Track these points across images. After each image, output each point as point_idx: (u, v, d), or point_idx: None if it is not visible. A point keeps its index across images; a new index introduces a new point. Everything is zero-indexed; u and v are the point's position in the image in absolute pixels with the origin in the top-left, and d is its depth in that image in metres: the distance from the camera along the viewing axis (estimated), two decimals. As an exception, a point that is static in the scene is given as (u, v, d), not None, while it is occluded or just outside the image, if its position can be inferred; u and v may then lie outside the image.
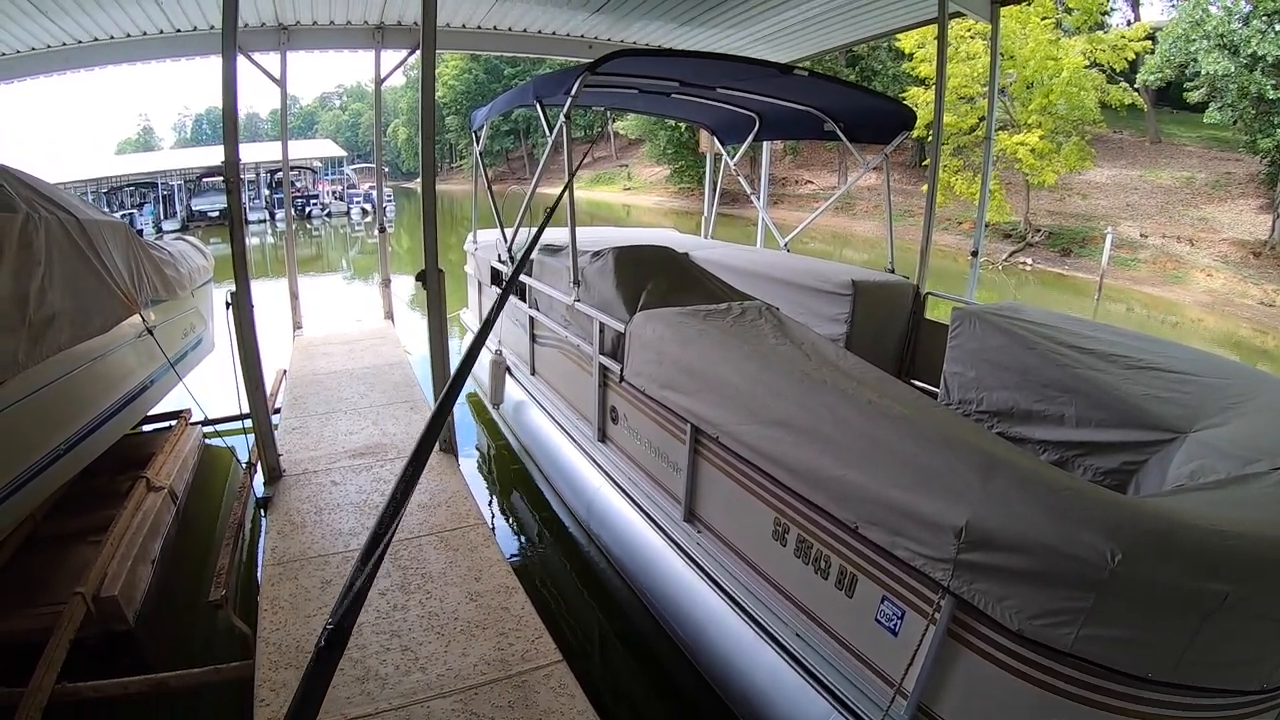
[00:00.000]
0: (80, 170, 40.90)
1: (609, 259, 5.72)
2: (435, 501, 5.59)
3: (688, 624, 4.38)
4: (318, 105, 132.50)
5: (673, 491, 4.75)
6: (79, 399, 5.42)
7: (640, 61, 6.65)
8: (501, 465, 8.19)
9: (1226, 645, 2.42)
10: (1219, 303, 22.18)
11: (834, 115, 7.93)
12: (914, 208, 30.08)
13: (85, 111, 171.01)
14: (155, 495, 5.88)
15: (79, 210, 5.21)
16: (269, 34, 9.69)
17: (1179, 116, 33.49)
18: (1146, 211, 28.42)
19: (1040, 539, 2.47)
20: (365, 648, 3.93)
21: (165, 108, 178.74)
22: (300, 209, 43.56)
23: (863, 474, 3.10)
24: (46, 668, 3.79)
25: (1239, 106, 22.45)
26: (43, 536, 5.30)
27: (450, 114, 72.71)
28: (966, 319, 5.19)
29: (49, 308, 4.59)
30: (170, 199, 42.67)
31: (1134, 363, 4.34)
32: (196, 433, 7.56)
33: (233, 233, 5.34)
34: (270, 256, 30.31)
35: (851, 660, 3.36)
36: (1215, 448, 3.51)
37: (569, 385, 6.54)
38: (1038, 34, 25.26)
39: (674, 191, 50.85)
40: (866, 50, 37.34)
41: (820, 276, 6.76)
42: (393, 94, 78.57)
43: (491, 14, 9.67)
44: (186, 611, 5.25)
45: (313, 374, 8.84)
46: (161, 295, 6.67)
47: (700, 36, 10.46)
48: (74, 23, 8.33)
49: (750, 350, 4.14)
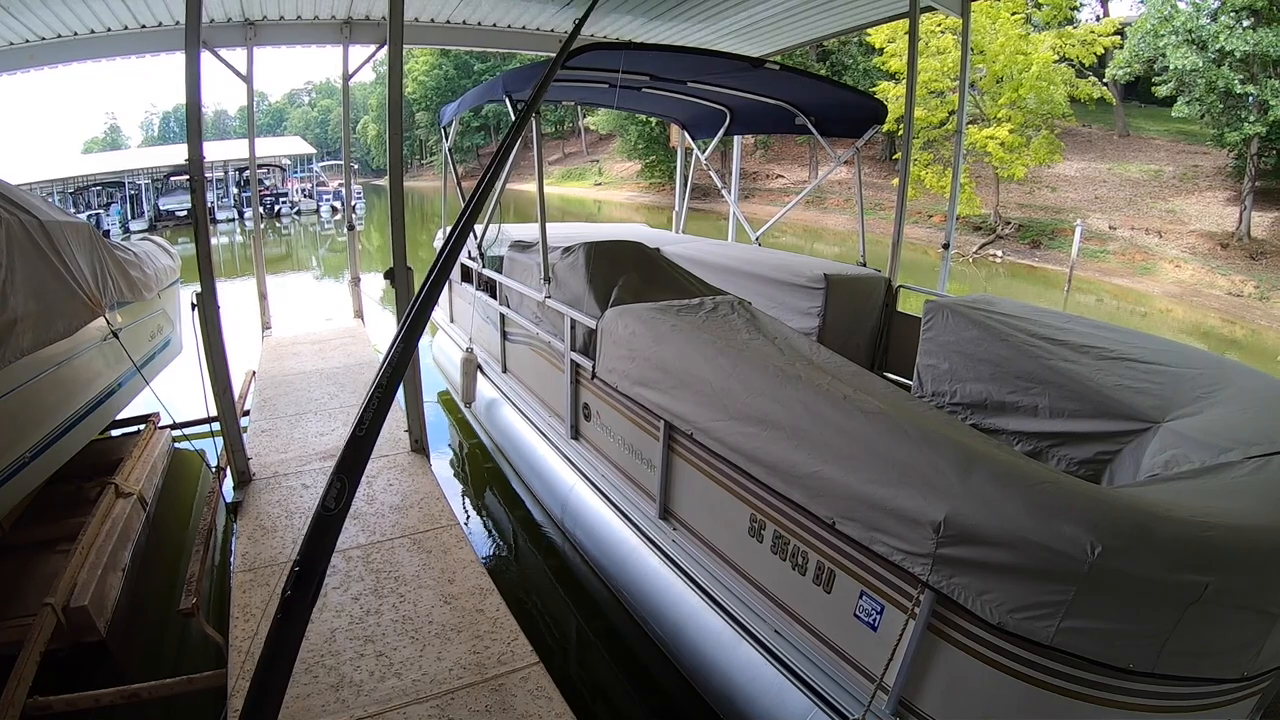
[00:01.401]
0: (46, 170, 40.22)
1: (580, 255, 5.67)
2: (407, 503, 5.53)
3: (665, 622, 4.35)
4: (286, 102, 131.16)
5: (647, 489, 4.72)
6: (44, 404, 5.31)
7: (610, 56, 6.60)
8: (474, 465, 8.13)
9: (1207, 635, 2.43)
10: (1188, 293, 22.48)
11: (805, 109, 7.94)
12: (885, 201, 30.22)
13: (51, 110, 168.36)
14: (124, 502, 5.77)
15: (41, 211, 5.10)
16: (235, 29, 9.57)
17: (1147, 110, 33.89)
18: (1115, 204, 28.76)
19: (1020, 532, 2.45)
20: (339, 654, 3.87)
21: (132, 106, 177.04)
22: (269, 207, 43.15)
23: (839, 469, 3.08)
24: (17, 681, 3.71)
25: (1207, 101, 22.72)
26: (10, 546, 5.18)
27: (420, 110, 72.28)
28: (939, 311, 5.20)
29: (10, 312, 4.48)
30: (138, 198, 42.02)
31: (1106, 353, 4.35)
32: (165, 437, 7.44)
33: (197, 233, 5.25)
34: (239, 255, 29.98)
35: (831, 656, 3.34)
36: (1188, 437, 3.53)
37: (541, 383, 6.49)
38: (1008, 29, 25.50)
39: (645, 186, 50.88)
40: (837, 45, 37.58)
41: (792, 270, 6.75)
42: (362, 90, 78.08)
43: (460, 9, 9.59)
44: (158, 620, 5.17)
45: (282, 375, 8.74)
46: (127, 297, 6.54)
47: (671, 31, 10.43)
48: (36, 19, 8.18)
49: (723, 345, 4.11)
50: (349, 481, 1.91)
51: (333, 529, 1.90)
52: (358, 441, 1.99)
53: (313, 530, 1.88)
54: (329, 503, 1.88)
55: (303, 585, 1.84)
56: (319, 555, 1.88)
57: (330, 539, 1.91)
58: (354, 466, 1.96)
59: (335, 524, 1.90)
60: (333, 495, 1.89)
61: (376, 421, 2.05)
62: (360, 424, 2.01)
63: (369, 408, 2.04)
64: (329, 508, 1.88)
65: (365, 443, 2.02)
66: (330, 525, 1.88)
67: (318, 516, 1.87)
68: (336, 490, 1.90)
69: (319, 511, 1.87)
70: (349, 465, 1.95)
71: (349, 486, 1.91)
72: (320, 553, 1.88)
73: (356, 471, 1.96)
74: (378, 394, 2.08)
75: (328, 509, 1.88)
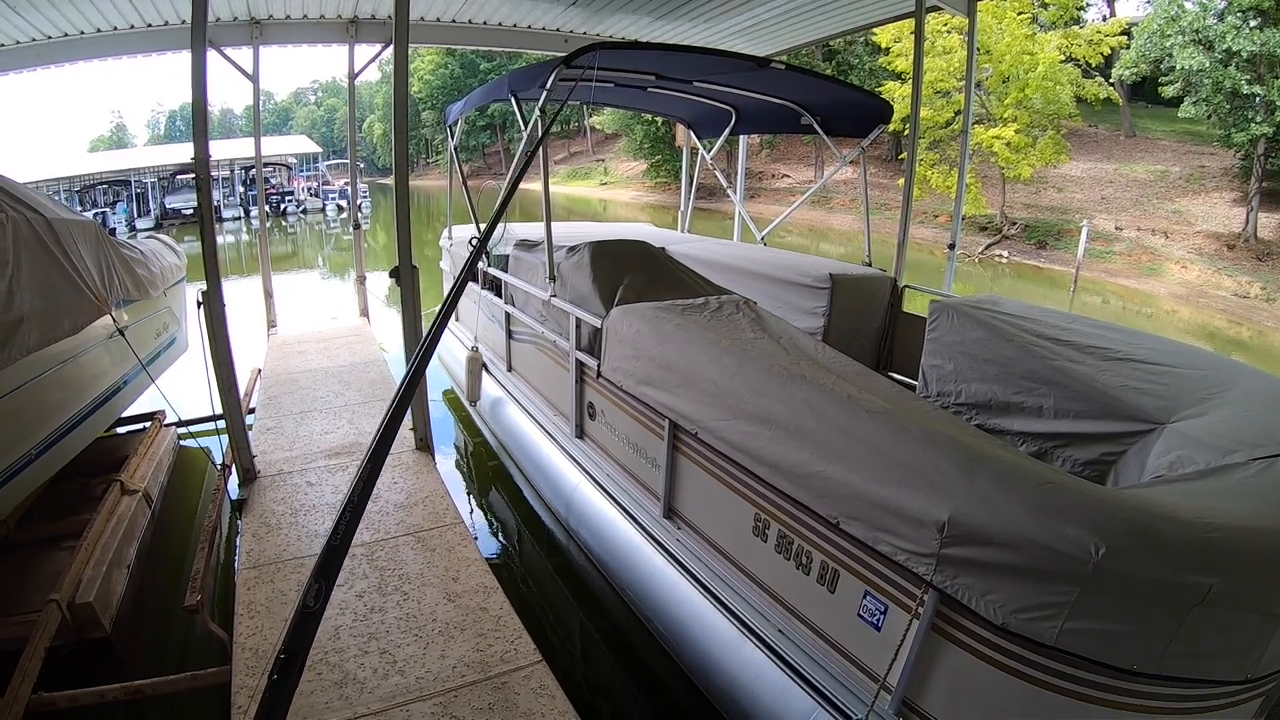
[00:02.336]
0: (52, 168, 40.34)
1: (585, 254, 5.68)
2: (412, 501, 5.53)
3: (669, 621, 4.35)
4: (292, 101, 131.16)
5: (652, 488, 4.73)
6: (50, 402, 5.33)
7: (616, 55, 6.61)
8: (479, 463, 8.13)
9: (1211, 637, 2.42)
10: (1194, 294, 22.41)
11: (811, 109, 7.93)
12: (890, 201, 30.12)
13: (58, 108, 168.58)
14: (130, 499, 5.79)
15: (47, 209, 5.11)
16: (241, 28, 9.59)
17: (1154, 111, 33.82)
18: (1121, 205, 28.67)
19: (1024, 533, 2.45)
20: (343, 651, 3.88)
21: (139, 104, 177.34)
22: (275, 206, 43.30)
23: (843, 469, 3.08)
24: (22, 677, 3.73)
25: (1213, 101, 22.61)
26: (16, 543, 5.20)
27: (426, 109, 72.28)
28: (944, 312, 5.19)
29: (17, 310, 4.49)
30: (144, 196, 42.14)
31: (1111, 354, 4.35)
32: (171, 434, 7.47)
33: (203, 231, 5.25)
34: (245, 254, 30.03)
35: (835, 656, 3.34)
36: (1193, 438, 3.52)
37: (546, 381, 6.50)
38: (1014, 28, 25.41)
39: (650, 186, 50.81)
40: (843, 44, 37.47)
41: (798, 270, 6.74)
42: (368, 89, 78.27)
43: (466, 8, 9.60)
44: (163, 617, 5.18)
45: (287, 373, 8.75)
46: (133, 295, 6.56)
47: (677, 30, 10.42)
48: (43, 18, 8.20)
49: (728, 345, 4.11)
50: (325, 584, 2.10)
51: (313, 624, 2.08)
52: (333, 550, 2.19)
53: (295, 626, 2.06)
54: (309, 602, 2.07)
55: (287, 672, 2.03)
56: (301, 646, 2.06)
57: (311, 632, 2.09)
58: (329, 572, 2.15)
59: (315, 619, 2.08)
60: (311, 595, 2.07)
61: (349, 533, 2.25)
62: (334, 534, 2.21)
63: (342, 520, 2.25)
64: (309, 606, 2.06)
65: (339, 551, 2.21)
66: (311, 621, 2.07)
67: (299, 614, 2.06)
68: (315, 591, 2.08)
69: (300, 609, 2.06)
70: (325, 570, 2.15)
71: (325, 588, 2.10)
72: (302, 644, 2.07)
73: (332, 576, 2.15)
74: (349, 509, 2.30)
75: (308, 607, 2.06)
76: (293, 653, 2.04)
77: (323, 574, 2.14)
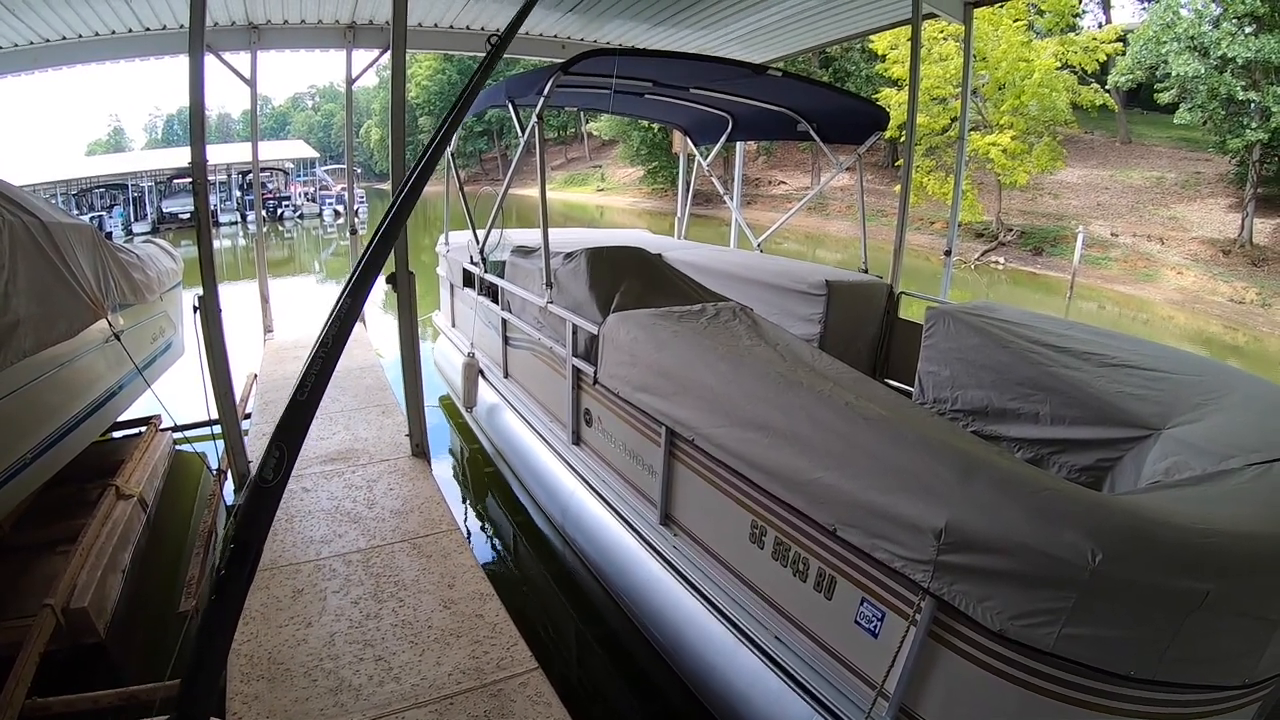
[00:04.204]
0: (49, 172, 40.29)
1: (582, 260, 5.67)
2: (408, 507, 5.53)
3: (666, 628, 4.34)
4: (290, 105, 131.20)
5: (648, 494, 4.72)
6: (45, 406, 5.31)
7: (613, 61, 6.61)
8: (475, 469, 8.12)
9: (1208, 642, 2.42)
10: (1189, 300, 22.48)
11: (807, 115, 7.94)
12: (887, 208, 30.20)
13: (55, 112, 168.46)
14: (125, 504, 5.77)
15: (43, 213, 5.09)
16: (239, 33, 9.61)
17: (1149, 117, 33.90)
18: (1117, 211, 28.77)
19: (1020, 539, 2.45)
20: (338, 658, 3.87)
21: (136, 108, 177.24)
22: (272, 210, 43.23)
23: (840, 476, 3.07)
24: (16, 682, 3.72)
25: (1209, 107, 22.73)
26: (10, 547, 5.18)
27: (423, 114, 72.25)
28: (940, 318, 5.20)
29: (12, 313, 4.47)
30: (141, 201, 42.08)
31: (1107, 360, 4.35)
32: (166, 439, 7.44)
33: (199, 235, 5.26)
34: (242, 259, 30.00)
35: (832, 663, 3.34)
36: (1189, 444, 3.52)
37: (542, 388, 6.49)
38: (1010, 35, 25.52)
39: (647, 192, 50.87)
40: (840, 51, 37.56)
41: (794, 277, 6.74)
42: (365, 94, 78.10)
43: (463, 14, 9.62)
44: (158, 622, 5.15)
45: (284, 378, 8.73)
46: (129, 299, 6.54)
47: (674, 37, 10.45)
48: (42, 21, 8.21)
49: (725, 352, 4.11)
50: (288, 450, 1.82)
51: (270, 501, 1.81)
52: (298, 406, 1.93)
53: (248, 502, 1.78)
54: (266, 473, 1.79)
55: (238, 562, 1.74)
56: (256, 530, 1.78)
57: (268, 512, 1.82)
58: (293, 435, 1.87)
59: (273, 496, 1.81)
60: (270, 465, 1.80)
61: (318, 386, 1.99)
62: (301, 388, 1.95)
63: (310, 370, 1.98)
64: (266, 479, 1.79)
65: (306, 408, 1.95)
66: (268, 497, 1.80)
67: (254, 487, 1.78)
68: (275, 460, 1.81)
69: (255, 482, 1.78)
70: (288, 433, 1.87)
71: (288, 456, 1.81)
72: (257, 527, 1.79)
73: (296, 440, 1.87)
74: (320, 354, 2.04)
75: (265, 480, 1.79)
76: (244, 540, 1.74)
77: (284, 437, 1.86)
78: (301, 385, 1.95)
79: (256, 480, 1.77)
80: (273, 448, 1.82)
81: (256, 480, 1.77)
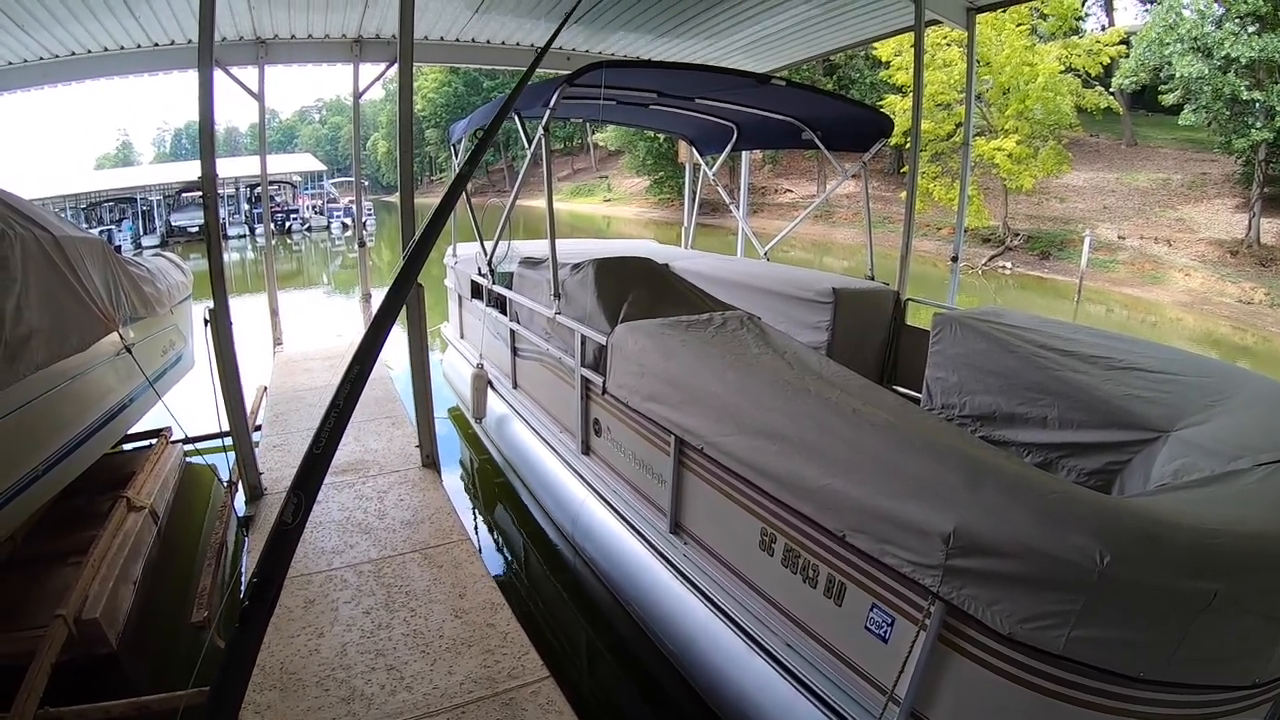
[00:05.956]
0: (59, 186, 40.59)
1: (589, 271, 5.69)
2: (418, 518, 5.55)
3: (676, 636, 4.34)
4: (297, 119, 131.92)
5: (658, 503, 4.73)
6: (57, 418, 5.35)
7: (618, 73, 6.64)
8: (485, 480, 8.13)
9: (1217, 642, 2.43)
10: (1197, 302, 22.42)
11: (812, 124, 7.95)
12: (893, 215, 30.15)
13: (64, 126, 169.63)
14: (136, 515, 5.79)
15: (55, 227, 5.14)
16: (247, 47, 9.69)
17: (1154, 119, 33.89)
18: (1124, 213, 28.72)
19: (1029, 542, 2.46)
20: (350, 668, 3.89)
21: (145, 123, 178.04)
22: (280, 224, 43.39)
23: (849, 482, 3.08)
24: (28, 693, 3.73)
25: (1213, 108, 22.69)
26: (23, 558, 5.21)
27: (429, 127, 72.58)
28: (947, 324, 5.21)
29: (25, 326, 4.52)
30: (150, 214, 42.37)
31: (1115, 363, 4.36)
32: (177, 451, 7.47)
33: (210, 248, 5.29)
34: (250, 272, 30.14)
35: (843, 668, 3.33)
36: (1198, 446, 3.53)
37: (551, 398, 6.50)
38: (1013, 40, 25.51)
39: (654, 202, 50.88)
40: (844, 59, 37.56)
41: (801, 285, 6.75)
42: (372, 107, 78.57)
43: (470, 27, 9.66)
44: (169, 633, 5.17)
45: (294, 390, 8.78)
46: (140, 312, 6.59)
47: (678, 47, 10.49)
48: (51, 37, 8.29)
49: (733, 360, 4.13)
50: (305, 498, 1.95)
51: (290, 543, 1.95)
52: (314, 459, 2.04)
53: (270, 544, 1.92)
54: (286, 518, 1.93)
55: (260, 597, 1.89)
56: (276, 568, 1.94)
57: (288, 553, 1.96)
58: (310, 484, 2.00)
59: (292, 538, 1.94)
60: (289, 510, 1.93)
61: (332, 441, 2.09)
62: (316, 442, 2.05)
63: (324, 426, 2.08)
64: (286, 522, 1.92)
65: (321, 460, 2.06)
66: (288, 539, 1.93)
67: (276, 531, 1.92)
68: (294, 506, 1.94)
69: (277, 526, 1.92)
70: (305, 482, 2.00)
71: (305, 502, 1.95)
72: (277, 566, 1.95)
73: (313, 488, 2.01)
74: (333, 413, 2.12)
75: (285, 524, 1.92)
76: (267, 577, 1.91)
77: (302, 486, 2.00)
78: (316, 440, 2.06)
79: (278, 524, 1.91)
80: (292, 495, 1.95)
81: (278, 524, 1.91)
